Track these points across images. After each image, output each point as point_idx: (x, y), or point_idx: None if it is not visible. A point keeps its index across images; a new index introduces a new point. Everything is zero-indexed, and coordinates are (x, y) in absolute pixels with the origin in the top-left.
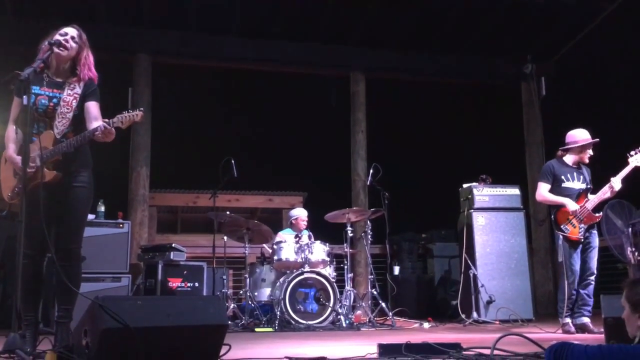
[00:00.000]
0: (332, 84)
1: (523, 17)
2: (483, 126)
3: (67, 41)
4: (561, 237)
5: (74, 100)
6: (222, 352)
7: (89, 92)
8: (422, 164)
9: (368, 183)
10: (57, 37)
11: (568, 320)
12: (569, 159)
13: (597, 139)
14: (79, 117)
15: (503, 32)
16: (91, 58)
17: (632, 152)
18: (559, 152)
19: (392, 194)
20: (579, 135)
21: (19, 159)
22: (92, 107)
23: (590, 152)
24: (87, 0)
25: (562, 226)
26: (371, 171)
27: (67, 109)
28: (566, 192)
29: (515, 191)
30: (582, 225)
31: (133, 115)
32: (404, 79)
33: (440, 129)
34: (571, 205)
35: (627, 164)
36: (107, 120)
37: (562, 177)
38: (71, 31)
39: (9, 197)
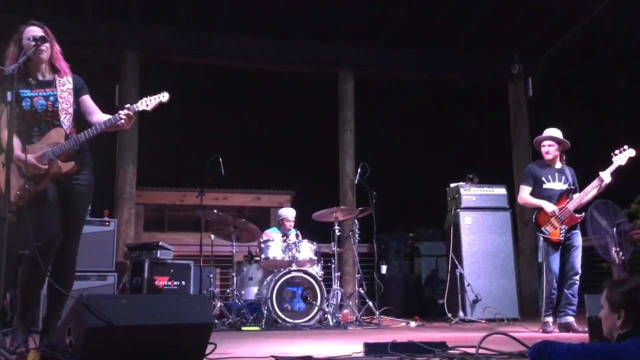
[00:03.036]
0: None
1: (510, 17)
2: (470, 125)
3: (40, 44)
4: (542, 238)
5: (70, 96)
6: (208, 350)
7: (79, 86)
8: (410, 163)
9: (356, 182)
10: (25, 41)
11: (549, 319)
12: (548, 160)
13: (544, 136)
14: (78, 112)
15: (491, 32)
16: (57, 48)
17: (617, 151)
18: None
19: (380, 193)
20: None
21: (23, 155)
22: (88, 100)
23: (549, 149)
24: None
25: (543, 228)
26: (359, 170)
27: (67, 104)
28: (547, 193)
29: (502, 191)
30: (564, 226)
31: (159, 96)
32: (392, 77)
33: (427, 128)
34: (548, 206)
35: (611, 162)
36: (129, 105)
37: (543, 178)
38: (36, 31)
39: (16, 196)
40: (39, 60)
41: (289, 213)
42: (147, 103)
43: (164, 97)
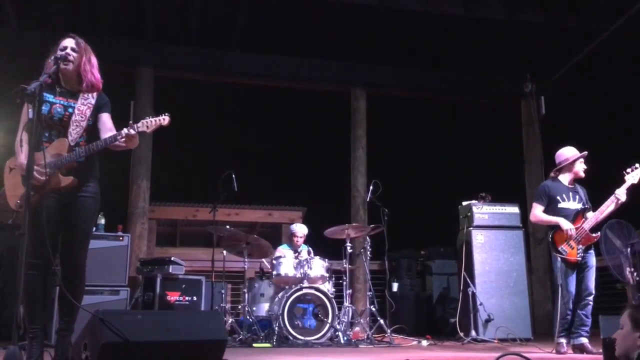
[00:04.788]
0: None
1: (523, 36)
2: (483, 144)
3: (68, 54)
4: (559, 258)
5: (88, 110)
6: None
7: (102, 103)
8: (422, 181)
9: (368, 199)
10: (59, 52)
11: (562, 340)
12: (565, 178)
13: (586, 152)
14: (93, 128)
15: (503, 50)
16: (94, 61)
17: (628, 170)
18: (552, 174)
19: (392, 211)
20: (568, 153)
21: (25, 163)
22: (107, 118)
23: (583, 165)
24: (91, 13)
25: (560, 248)
26: (371, 187)
27: (81, 117)
28: (563, 213)
29: (515, 209)
30: (580, 246)
31: (159, 119)
32: (405, 95)
33: (440, 145)
34: (565, 224)
35: (623, 182)
36: (131, 124)
37: (558, 197)
38: (69, 42)
39: (17, 205)
40: (66, 70)
41: (297, 229)
42: (148, 125)
43: (165, 120)
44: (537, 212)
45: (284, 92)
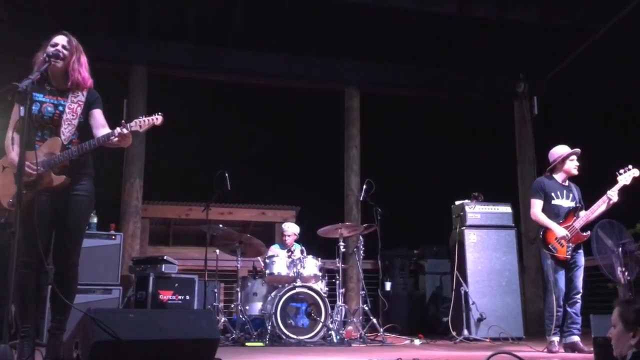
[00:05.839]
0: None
1: (516, 36)
2: (476, 143)
3: (59, 51)
4: (549, 256)
5: (79, 108)
6: None
7: (92, 100)
8: (415, 180)
9: (361, 198)
10: (49, 48)
11: (554, 339)
12: (558, 176)
13: (577, 149)
14: (84, 125)
15: (496, 50)
16: (83, 60)
17: (621, 171)
18: (547, 173)
19: (385, 210)
20: (559, 151)
21: (16, 159)
22: (98, 114)
23: (576, 162)
24: (84, 11)
25: (549, 245)
26: (364, 187)
27: (73, 115)
28: (555, 210)
29: (507, 209)
30: (570, 244)
31: (152, 119)
32: (399, 94)
33: (433, 145)
34: (559, 231)
35: (616, 182)
36: (124, 124)
37: (552, 194)
38: (61, 39)
39: (9, 203)
40: (55, 68)
41: (286, 227)
42: (140, 124)
43: (157, 120)
44: (537, 210)
45: (278, 91)
